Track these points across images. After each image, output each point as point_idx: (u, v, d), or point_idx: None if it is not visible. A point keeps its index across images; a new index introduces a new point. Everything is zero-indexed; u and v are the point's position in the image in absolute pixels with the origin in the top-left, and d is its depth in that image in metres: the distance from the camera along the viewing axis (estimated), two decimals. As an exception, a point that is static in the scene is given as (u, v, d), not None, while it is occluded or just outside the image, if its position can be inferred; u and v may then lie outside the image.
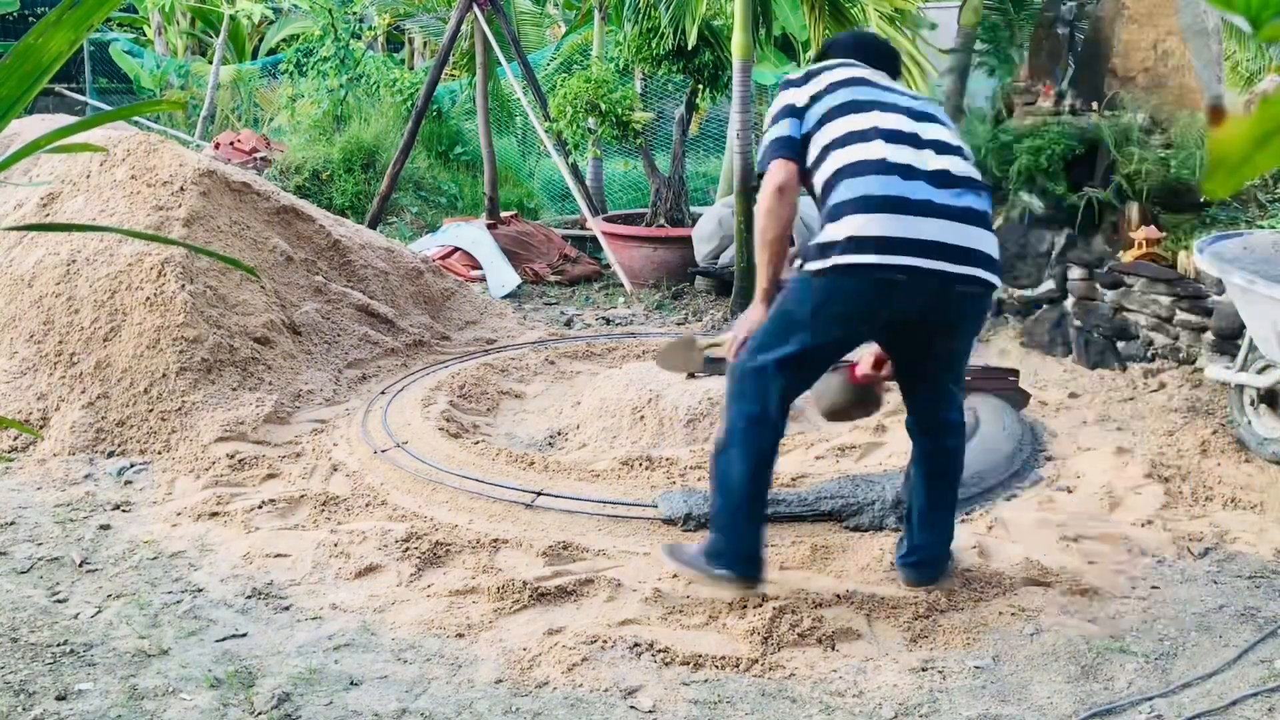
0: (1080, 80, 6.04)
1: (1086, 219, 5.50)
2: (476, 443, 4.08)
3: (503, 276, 7.31)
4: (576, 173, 8.44)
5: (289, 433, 4.28)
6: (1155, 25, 5.70)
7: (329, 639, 2.80)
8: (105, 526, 3.51)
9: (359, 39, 10.87)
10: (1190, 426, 4.21)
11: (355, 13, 10.66)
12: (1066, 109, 5.77)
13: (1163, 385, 4.77)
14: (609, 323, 6.52)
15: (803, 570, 3.15)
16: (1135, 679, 2.61)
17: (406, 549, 3.24)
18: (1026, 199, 5.70)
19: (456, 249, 7.49)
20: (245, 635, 2.82)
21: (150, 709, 2.47)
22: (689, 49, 7.30)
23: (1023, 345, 5.65)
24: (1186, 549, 3.29)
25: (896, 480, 3.42)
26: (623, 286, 7.43)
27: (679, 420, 4.27)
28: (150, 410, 4.20)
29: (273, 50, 16.25)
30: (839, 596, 2.95)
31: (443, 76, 9.21)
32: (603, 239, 7.82)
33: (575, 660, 2.66)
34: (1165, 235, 5.13)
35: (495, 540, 3.32)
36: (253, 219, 5.19)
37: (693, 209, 8.17)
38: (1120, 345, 5.20)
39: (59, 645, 2.75)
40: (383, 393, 4.70)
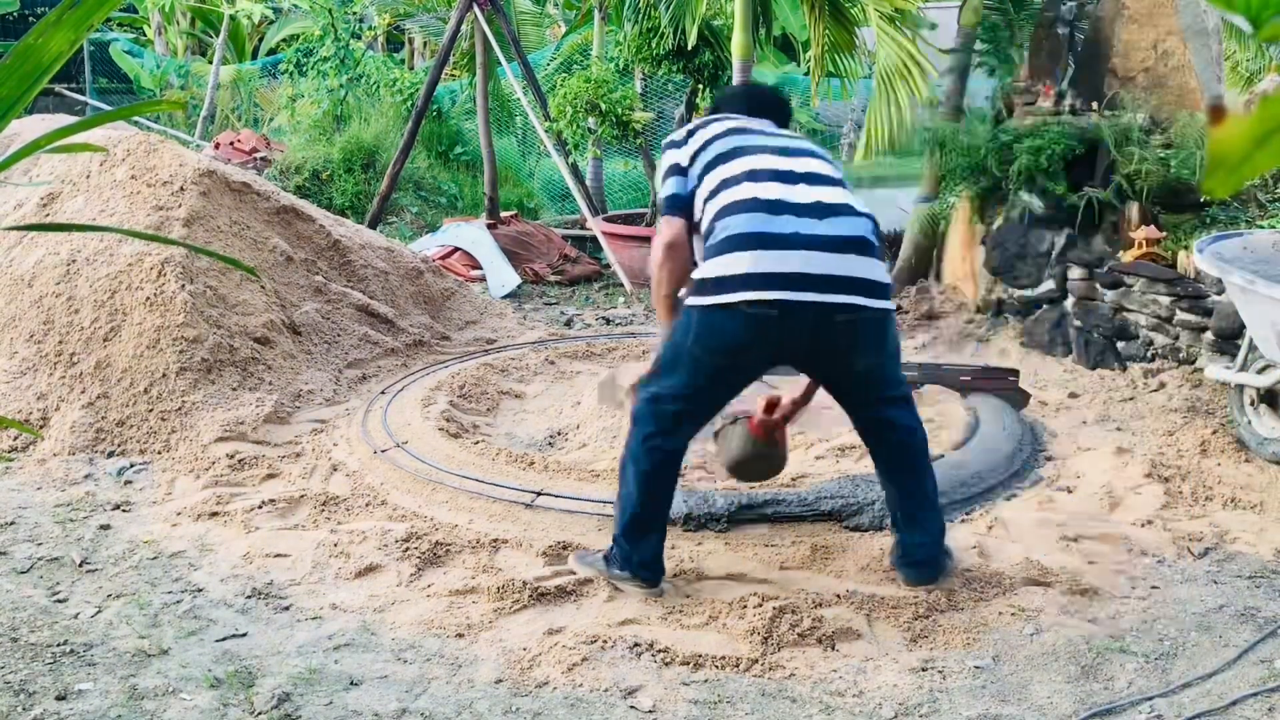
0: (1080, 80, 6.04)
1: (1086, 219, 5.50)
2: (476, 443, 4.08)
3: (503, 276, 7.31)
4: (576, 173, 8.44)
5: (289, 433, 4.28)
6: (1155, 25, 5.70)
7: (329, 639, 2.80)
8: (105, 526, 3.51)
9: (359, 39, 10.87)
10: (1190, 426, 4.21)
11: (355, 13, 10.66)
12: (1066, 109, 5.77)
13: (1163, 385, 4.76)
14: (609, 323, 6.52)
15: (803, 570, 3.15)
16: (1135, 679, 2.61)
17: (406, 549, 3.24)
18: (1026, 199, 5.70)
19: (456, 249, 7.49)
20: (245, 635, 2.82)
21: (150, 709, 2.47)
22: (689, 49, 7.30)
23: (1023, 345, 5.65)
24: (1186, 549, 3.29)
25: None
26: (623, 286, 7.43)
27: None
28: (150, 410, 4.20)
29: (273, 50, 16.26)
30: (839, 596, 2.95)
31: (443, 76, 9.21)
32: (603, 239, 7.82)
33: (575, 660, 2.66)
34: (1165, 235, 5.12)
35: (495, 540, 3.32)
36: (253, 219, 5.19)
37: (693, 209, 8.14)
38: (1120, 345, 5.20)
39: (59, 645, 2.75)
40: (383, 393, 4.70)
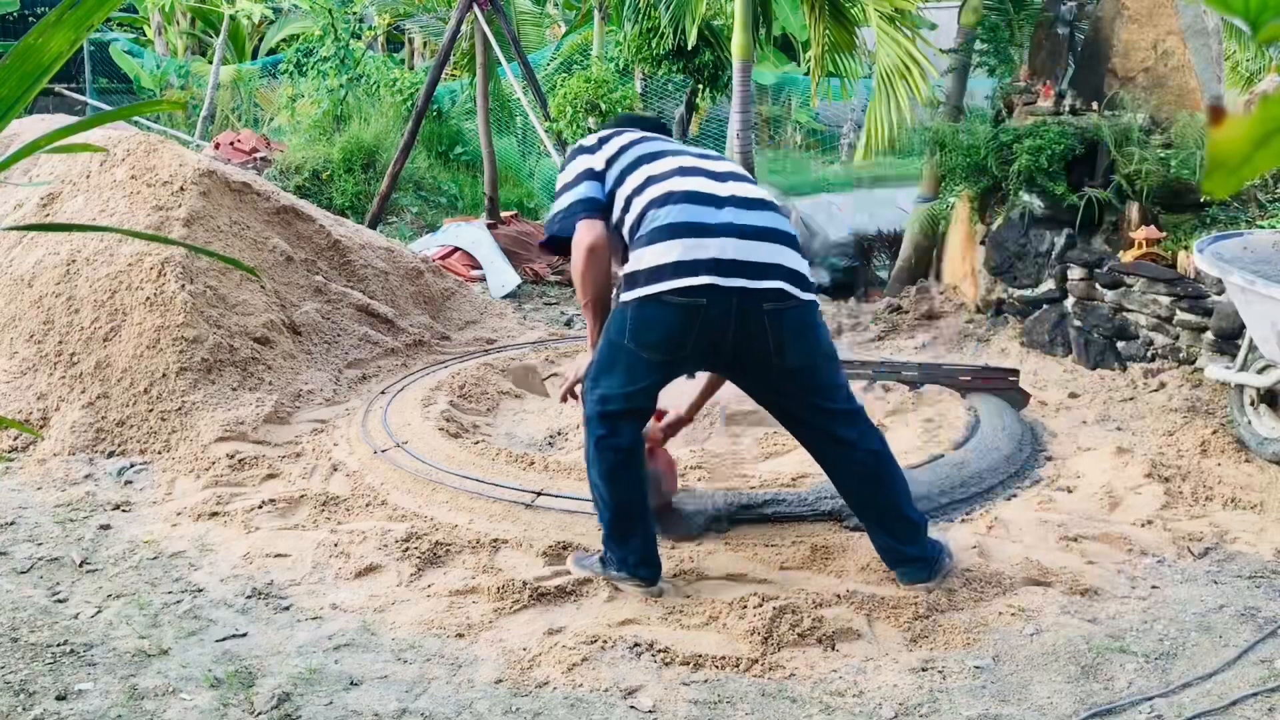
0: (1080, 80, 6.04)
1: (1086, 219, 5.50)
2: (476, 443, 4.08)
3: (503, 276, 7.31)
4: (577, 173, 8.42)
5: (289, 433, 4.28)
6: (1155, 25, 5.70)
7: (329, 639, 2.80)
8: (105, 526, 3.51)
9: (359, 39, 10.88)
10: (1190, 426, 4.21)
11: (355, 13, 10.67)
12: (1066, 109, 5.77)
13: (1163, 385, 4.76)
14: (609, 323, 6.50)
15: (803, 570, 3.15)
16: (1135, 679, 2.61)
17: (406, 549, 3.24)
18: (1026, 199, 5.70)
19: (456, 249, 7.49)
20: (245, 635, 2.82)
21: (150, 709, 2.47)
22: (689, 49, 7.31)
23: (1023, 345, 5.65)
24: (1186, 549, 3.29)
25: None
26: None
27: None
28: (150, 410, 4.20)
29: (273, 50, 16.28)
30: (839, 596, 2.95)
31: (443, 76, 9.21)
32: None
33: (575, 660, 2.66)
34: (1165, 235, 5.12)
35: (495, 540, 3.32)
36: (253, 219, 5.19)
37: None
38: (1120, 345, 5.20)
39: (59, 645, 2.75)
40: (383, 393, 4.70)
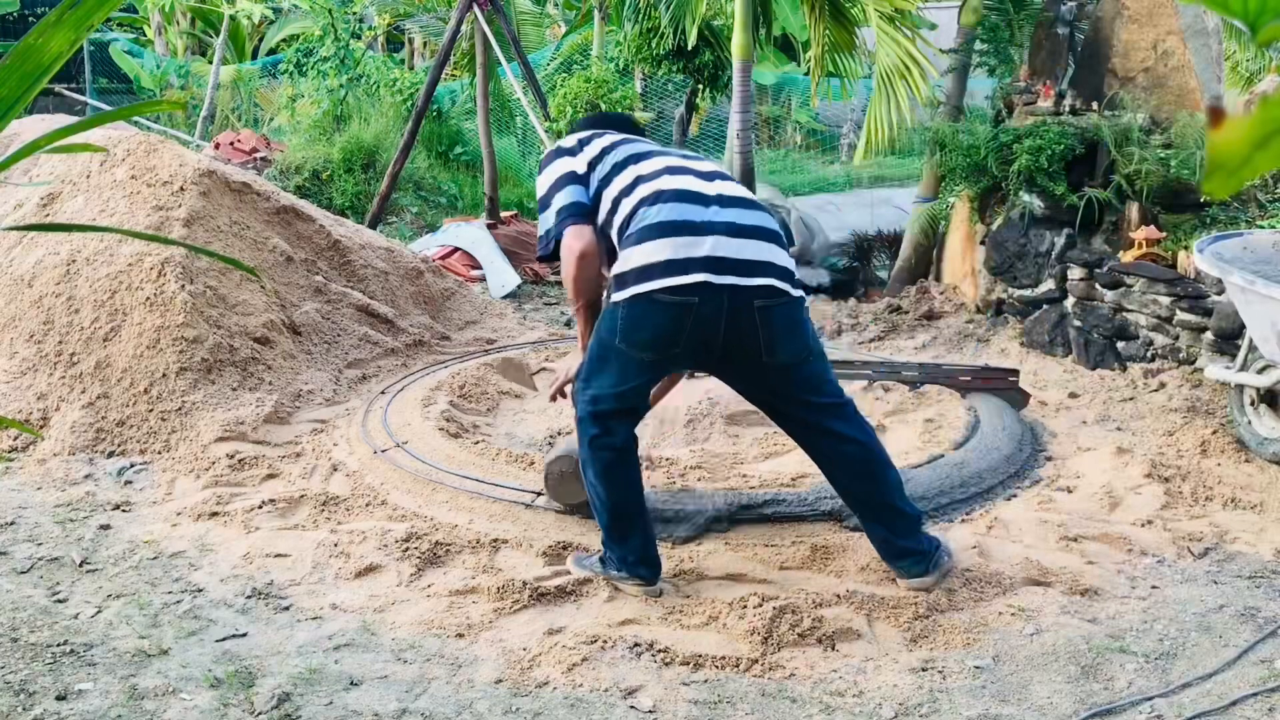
0: (1080, 80, 6.04)
1: (1086, 219, 5.50)
2: (476, 443, 4.08)
3: (503, 276, 7.31)
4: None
5: (289, 433, 4.28)
6: (1155, 25, 5.70)
7: (329, 639, 2.80)
8: (105, 526, 3.51)
9: (359, 39, 10.88)
10: (1190, 426, 4.21)
11: (355, 13, 10.67)
12: (1066, 109, 5.77)
13: (1163, 385, 4.76)
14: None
15: (803, 570, 3.15)
16: (1135, 679, 2.61)
17: (406, 549, 3.24)
18: (1026, 199, 5.70)
19: (456, 249, 7.49)
20: (245, 635, 2.82)
21: (150, 709, 2.47)
22: (689, 49, 7.31)
23: (1023, 345, 5.65)
24: (1186, 549, 3.29)
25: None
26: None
27: (679, 420, 4.28)
28: (150, 410, 4.20)
29: (273, 50, 16.28)
30: (839, 596, 2.95)
31: (443, 76, 9.21)
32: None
33: (575, 660, 2.66)
34: (1165, 235, 5.12)
35: (495, 540, 3.32)
36: (253, 219, 5.19)
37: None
38: (1120, 345, 5.20)
39: (59, 645, 2.75)
40: (383, 393, 4.70)
